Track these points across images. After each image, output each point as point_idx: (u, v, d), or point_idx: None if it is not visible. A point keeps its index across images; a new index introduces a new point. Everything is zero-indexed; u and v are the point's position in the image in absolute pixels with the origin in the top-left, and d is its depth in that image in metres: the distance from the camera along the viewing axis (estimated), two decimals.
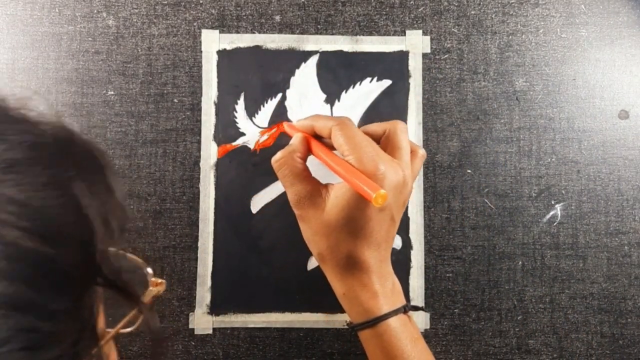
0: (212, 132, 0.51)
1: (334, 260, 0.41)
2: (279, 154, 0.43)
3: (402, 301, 0.42)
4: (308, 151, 0.44)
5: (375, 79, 0.51)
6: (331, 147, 0.43)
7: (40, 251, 0.22)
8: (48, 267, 0.23)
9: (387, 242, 0.41)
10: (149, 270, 0.33)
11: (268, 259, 0.50)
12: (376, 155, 0.39)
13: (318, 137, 0.44)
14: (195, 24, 0.51)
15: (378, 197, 0.36)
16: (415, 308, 0.44)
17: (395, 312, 0.40)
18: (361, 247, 0.40)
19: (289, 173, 0.42)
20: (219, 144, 0.51)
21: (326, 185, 0.41)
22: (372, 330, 0.40)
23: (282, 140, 0.50)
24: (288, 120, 0.51)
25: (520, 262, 0.51)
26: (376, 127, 0.44)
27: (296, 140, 0.43)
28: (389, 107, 0.51)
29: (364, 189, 0.37)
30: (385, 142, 0.42)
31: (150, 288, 0.33)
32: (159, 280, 0.33)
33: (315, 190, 0.41)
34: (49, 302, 0.23)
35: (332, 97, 0.51)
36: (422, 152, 0.44)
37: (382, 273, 0.41)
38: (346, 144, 0.40)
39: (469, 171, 0.51)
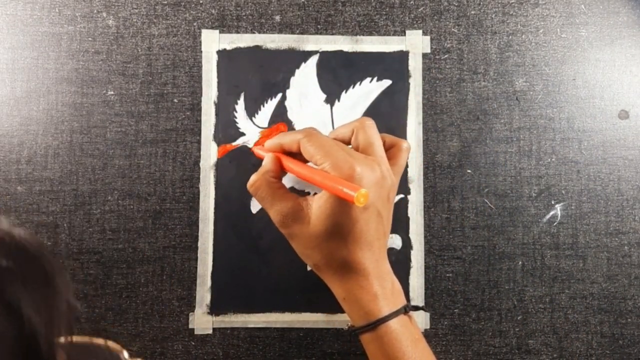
0: (212, 132, 0.51)
1: (330, 269, 0.41)
2: (252, 178, 0.43)
3: (402, 301, 0.42)
4: (281, 169, 0.44)
5: (375, 79, 0.51)
6: (304, 161, 0.43)
7: None
8: None
9: (380, 241, 0.41)
10: (125, 354, 0.32)
11: (268, 259, 0.50)
12: (349, 156, 0.39)
13: (289, 154, 0.44)
14: (195, 24, 0.51)
15: (359, 196, 0.36)
16: (416, 308, 0.44)
17: (395, 314, 0.40)
18: (354, 250, 0.40)
19: (266, 195, 0.42)
20: (219, 144, 0.51)
21: (306, 198, 0.41)
22: (372, 333, 0.40)
23: None
24: (288, 120, 0.51)
25: (520, 262, 0.51)
26: (344, 130, 0.44)
27: (267, 160, 0.44)
28: (389, 107, 0.51)
29: (344, 191, 0.37)
30: (355, 142, 0.43)
31: None
32: None
33: (297, 205, 0.41)
34: None
35: (332, 97, 0.51)
36: (405, 145, 0.44)
37: (380, 274, 0.41)
38: (317, 153, 0.40)
39: (469, 171, 0.51)
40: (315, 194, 0.43)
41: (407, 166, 0.51)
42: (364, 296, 0.40)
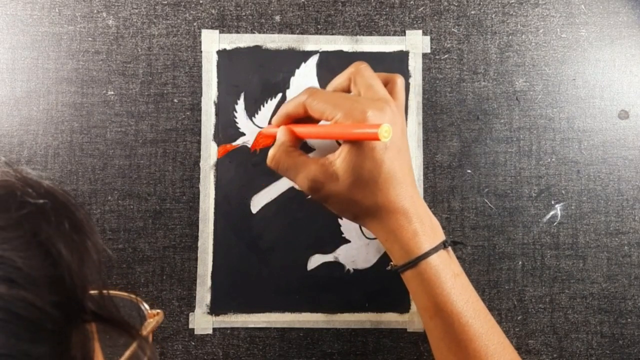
0: (212, 132, 0.51)
1: (369, 216, 0.41)
2: (271, 153, 0.44)
3: (441, 236, 0.42)
4: (295, 138, 0.44)
5: None
6: (314, 123, 0.43)
7: (8, 295, 0.22)
8: (21, 310, 0.22)
9: (408, 176, 0.41)
10: (145, 305, 0.33)
11: (268, 259, 0.50)
12: (357, 103, 0.40)
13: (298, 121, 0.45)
14: (195, 24, 0.51)
15: (383, 131, 0.36)
16: (455, 243, 0.44)
17: (434, 250, 0.40)
18: (387, 192, 0.40)
19: (288, 165, 0.42)
20: (219, 144, 0.51)
21: (327, 158, 0.41)
22: (413, 270, 0.40)
23: None
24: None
25: (520, 262, 0.51)
26: (340, 80, 0.44)
27: (280, 133, 0.44)
28: None
29: (366, 132, 0.37)
30: (355, 88, 0.43)
31: (149, 320, 0.33)
32: (156, 311, 0.33)
33: (321, 166, 0.41)
34: (30, 345, 0.22)
35: None
36: (400, 79, 0.45)
37: (417, 210, 0.41)
38: (326, 108, 0.41)
39: (469, 171, 0.51)
40: None
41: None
42: (404, 235, 0.40)
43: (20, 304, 0.22)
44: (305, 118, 0.44)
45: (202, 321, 0.50)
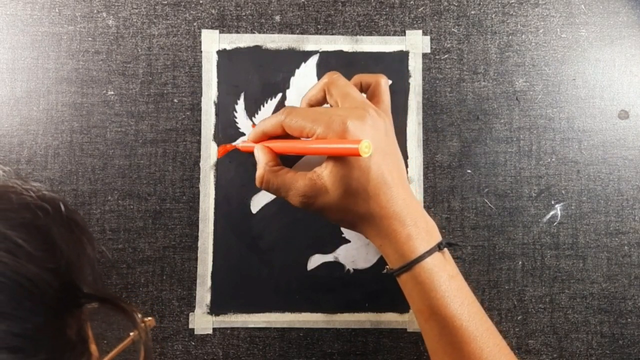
0: (212, 132, 0.51)
1: (364, 223, 0.41)
2: (258, 174, 0.44)
3: (437, 238, 0.42)
4: (276, 155, 0.44)
5: None
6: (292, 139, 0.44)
7: (13, 264, 0.25)
8: (23, 280, 0.25)
9: (398, 179, 0.41)
10: (139, 315, 0.35)
11: (268, 259, 0.50)
12: (336, 114, 0.40)
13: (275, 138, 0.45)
14: (195, 24, 0.51)
15: (363, 147, 0.36)
16: (450, 244, 0.44)
17: (429, 253, 0.40)
18: (378, 199, 0.40)
19: (277, 184, 0.42)
20: (219, 144, 0.51)
21: (314, 171, 0.41)
22: (409, 273, 0.40)
23: None
24: None
25: (520, 262, 0.51)
26: (314, 92, 0.44)
27: (258, 153, 0.44)
28: None
29: (347, 148, 0.37)
30: (331, 99, 0.43)
31: (139, 324, 0.34)
32: (148, 318, 0.35)
33: (309, 181, 0.41)
34: (28, 313, 0.25)
35: None
36: (383, 80, 0.44)
37: (411, 213, 0.41)
38: (305, 124, 0.40)
39: (469, 171, 0.51)
40: None
41: (407, 166, 0.51)
42: (398, 239, 0.40)
43: (22, 274, 0.25)
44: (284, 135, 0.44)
45: (202, 321, 0.50)
